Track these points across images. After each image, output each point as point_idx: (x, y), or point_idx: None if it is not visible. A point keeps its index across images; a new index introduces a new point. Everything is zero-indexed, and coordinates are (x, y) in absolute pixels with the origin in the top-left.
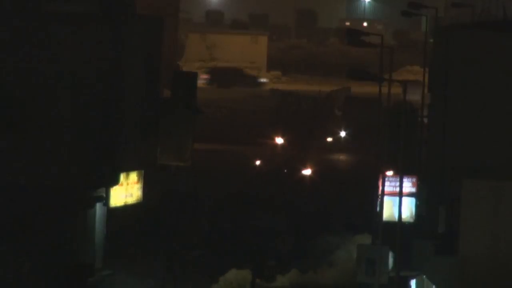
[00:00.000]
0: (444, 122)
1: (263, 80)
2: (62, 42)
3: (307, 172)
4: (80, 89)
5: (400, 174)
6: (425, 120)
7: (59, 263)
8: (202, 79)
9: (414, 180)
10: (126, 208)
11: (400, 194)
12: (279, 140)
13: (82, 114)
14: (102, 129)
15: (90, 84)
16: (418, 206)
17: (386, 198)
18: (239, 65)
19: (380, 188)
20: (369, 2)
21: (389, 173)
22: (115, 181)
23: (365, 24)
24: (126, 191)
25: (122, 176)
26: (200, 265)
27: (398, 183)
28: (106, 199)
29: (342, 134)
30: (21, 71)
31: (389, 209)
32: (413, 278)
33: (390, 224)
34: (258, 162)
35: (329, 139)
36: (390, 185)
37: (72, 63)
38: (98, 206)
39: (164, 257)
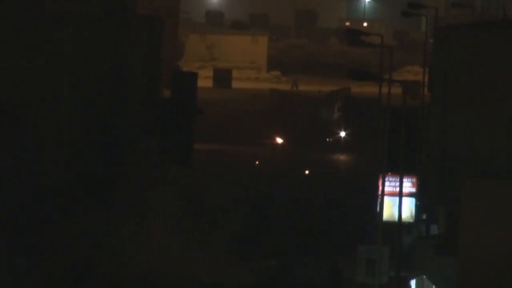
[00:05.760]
0: (444, 122)
1: None
2: (62, 42)
3: (305, 171)
4: (80, 89)
5: (400, 174)
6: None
7: (58, 262)
8: None
9: (414, 180)
10: None
11: (400, 194)
12: (279, 140)
13: (82, 114)
14: (102, 129)
15: (90, 84)
16: (418, 206)
17: (386, 198)
18: (239, 65)
19: (380, 188)
20: (369, 2)
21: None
22: None
23: (365, 24)
24: None
25: None
26: None
27: (398, 183)
28: None
29: (342, 134)
30: (22, 71)
31: (389, 209)
32: (413, 278)
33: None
34: (257, 162)
35: (329, 139)
36: (390, 185)
37: (72, 63)
38: None
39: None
